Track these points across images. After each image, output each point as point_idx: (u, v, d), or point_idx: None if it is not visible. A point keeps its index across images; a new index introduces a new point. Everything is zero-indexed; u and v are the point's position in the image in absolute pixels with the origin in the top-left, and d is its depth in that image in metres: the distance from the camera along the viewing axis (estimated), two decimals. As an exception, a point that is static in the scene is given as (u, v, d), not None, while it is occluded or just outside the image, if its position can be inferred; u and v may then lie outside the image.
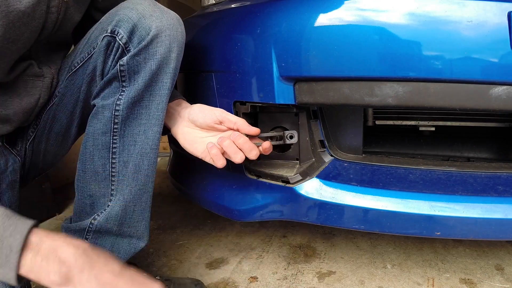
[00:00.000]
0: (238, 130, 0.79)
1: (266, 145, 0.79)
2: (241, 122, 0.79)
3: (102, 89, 0.79)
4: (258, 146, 0.79)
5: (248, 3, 0.89)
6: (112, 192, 0.81)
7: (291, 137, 0.84)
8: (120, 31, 0.74)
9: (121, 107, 0.76)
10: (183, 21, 0.81)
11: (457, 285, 0.98)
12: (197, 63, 0.99)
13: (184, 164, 1.19)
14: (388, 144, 1.07)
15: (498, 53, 0.68)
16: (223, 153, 0.79)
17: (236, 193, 0.98)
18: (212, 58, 0.93)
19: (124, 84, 0.76)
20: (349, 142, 0.94)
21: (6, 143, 0.82)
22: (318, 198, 0.84)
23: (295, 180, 0.85)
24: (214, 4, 1.05)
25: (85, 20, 0.89)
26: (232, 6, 0.93)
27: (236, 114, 0.90)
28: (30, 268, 0.55)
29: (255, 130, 0.80)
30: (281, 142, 0.85)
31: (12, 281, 0.55)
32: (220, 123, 0.80)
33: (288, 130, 0.88)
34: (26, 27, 0.67)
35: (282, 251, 1.18)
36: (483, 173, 0.85)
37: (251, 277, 1.05)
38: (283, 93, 0.82)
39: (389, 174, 0.87)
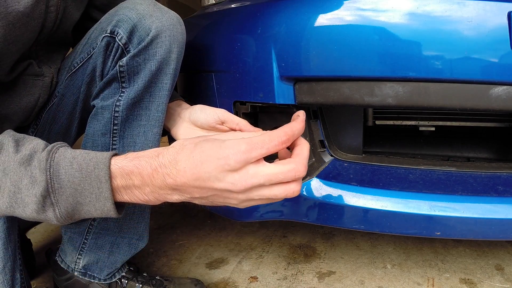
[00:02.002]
0: (240, 131, 0.79)
1: None
2: (243, 123, 0.79)
3: (101, 90, 0.78)
4: None
5: (248, 3, 0.89)
6: (112, 193, 0.81)
7: None
8: (120, 31, 0.74)
9: (120, 108, 0.76)
10: (183, 21, 0.81)
11: (457, 285, 0.98)
12: (197, 63, 0.99)
13: (184, 164, 1.19)
14: (388, 144, 1.06)
15: (498, 53, 0.68)
16: None
17: (236, 193, 0.97)
18: (212, 58, 0.93)
19: (123, 85, 0.76)
20: (349, 142, 0.94)
21: (6, 143, 0.82)
22: (318, 198, 0.84)
23: (295, 180, 0.85)
24: (214, 4, 1.05)
25: (83, 19, 0.89)
26: (232, 6, 0.93)
27: (236, 114, 0.90)
28: (122, 184, 0.55)
29: (257, 131, 0.79)
30: None
31: (112, 212, 0.56)
32: (222, 123, 0.80)
33: None
34: (25, 27, 0.67)
35: (282, 251, 1.18)
36: (483, 173, 0.85)
37: (251, 277, 1.05)
38: (283, 93, 0.82)
39: (389, 174, 0.87)
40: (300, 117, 0.58)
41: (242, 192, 0.52)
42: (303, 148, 0.56)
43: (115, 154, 0.58)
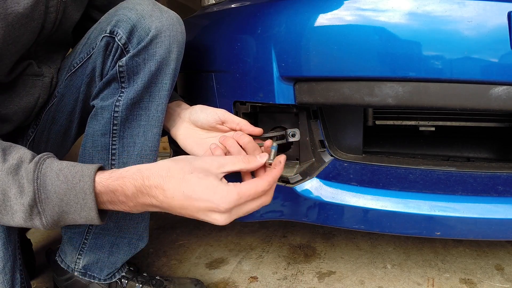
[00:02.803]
0: (241, 131, 0.79)
1: (269, 143, 0.78)
2: (244, 123, 0.79)
3: (101, 90, 0.78)
4: (260, 146, 0.79)
5: (248, 3, 0.89)
6: (111, 193, 0.81)
7: (293, 135, 0.84)
8: (119, 31, 0.74)
9: (120, 108, 0.76)
10: (183, 21, 0.81)
11: (457, 285, 0.98)
12: (197, 63, 0.99)
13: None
14: (388, 144, 1.06)
15: (498, 53, 0.68)
16: (226, 153, 0.79)
17: (236, 193, 0.97)
18: (212, 58, 0.93)
19: (123, 85, 0.76)
20: (349, 142, 0.94)
21: (6, 143, 0.82)
22: (318, 198, 0.84)
23: (295, 180, 0.85)
24: (214, 4, 1.05)
25: (83, 19, 0.88)
26: (232, 6, 0.93)
27: (236, 114, 0.90)
28: (107, 199, 0.59)
29: (258, 130, 0.79)
30: (283, 141, 0.84)
31: (96, 220, 0.60)
32: (222, 123, 0.80)
33: (289, 128, 0.87)
34: (25, 28, 0.67)
35: (282, 251, 1.18)
36: (483, 173, 0.85)
37: (251, 277, 1.05)
38: (283, 93, 0.82)
39: (389, 174, 0.87)
40: (281, 164, 0.67)
41: (223, 224, 0.59)
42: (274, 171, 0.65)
43: (101, 168, 0.61)
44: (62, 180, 0.57)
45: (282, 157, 0.69)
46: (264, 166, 0.70)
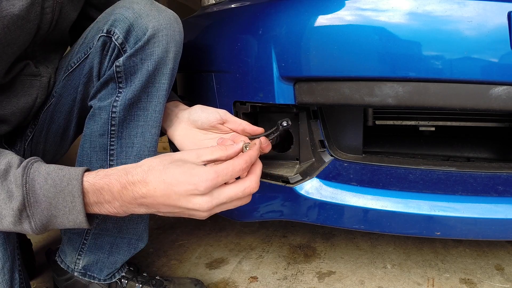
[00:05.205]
0: (243, 130, 0.79)
1: (264, 142, 0.75)
2: (246, 123, 0.79)
3: (98, 90, 0.78)
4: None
5: (248, 3, 0.88)
6: (110, 194, 0.81)
7: (285, 122, 0.81)
8: (116, 31, 0.73)
9: (118, 108, 0.76)
10: (183, 21, 0.80)
11: (457, 285, 0.98)
12: (197, 63, 0.99)
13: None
14: (388, 144, 1.06)
15: (498, 53, 0.68)
16: None
17: (236, 193, 0.97)
18: (212, 58, 0.93)
19: (120, 85, 0.76)
20: (349, 142, 0.94)
21: (5, 143, 0.82)
22: (318, 198, 0.84)
23: (295, 180, 0.85)
24: (214, 4, 1.05)
25: (81, 18, 0.88)
26: (232, 6, 0.93)
27: (236, 114, 0.90)
28: (94, 200, 0.60)
29: (260, 130, 0.79)
30: (278, 133, 0.82)
31: (84, 224, 0.60)
32: (223, 123, 0.79)
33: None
34: (21, 30, 0.67)
35: (282, 251, 1.18)
36: (483, 173, 0.85)
37: (251, 277, 1.05)
38: (283, 93, 0.82)
39: (389, 174, 0.87)
40: (256, 145, 0.67)
41: (207, 211, 0.59)
42: (257, 167, 0.65)
43: (87, 170, 0.62)
44: (51, 184, 0.58)
45: (258, 140, 0.69)
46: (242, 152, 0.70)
